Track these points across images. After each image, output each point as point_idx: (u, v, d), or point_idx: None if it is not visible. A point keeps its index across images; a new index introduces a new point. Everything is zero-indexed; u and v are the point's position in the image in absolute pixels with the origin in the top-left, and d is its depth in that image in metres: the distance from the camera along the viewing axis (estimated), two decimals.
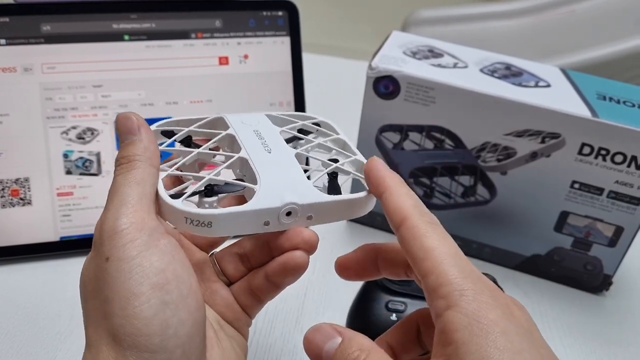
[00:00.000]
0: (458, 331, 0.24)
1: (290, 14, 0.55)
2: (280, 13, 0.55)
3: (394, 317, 0.42)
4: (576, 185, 0.47)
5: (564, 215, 0.49)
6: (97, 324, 0.26)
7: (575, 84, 0.48)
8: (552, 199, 0.48)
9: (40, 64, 0.50)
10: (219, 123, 0.35)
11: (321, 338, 0.27)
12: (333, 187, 0.32)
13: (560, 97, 0.46)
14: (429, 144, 0.49)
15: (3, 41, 0.49)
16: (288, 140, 0.34)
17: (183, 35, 0.53)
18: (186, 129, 0.33)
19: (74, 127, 0.50)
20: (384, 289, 0.43)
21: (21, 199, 0.49)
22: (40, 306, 0.46)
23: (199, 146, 0.33)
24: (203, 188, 0.29)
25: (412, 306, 0.43)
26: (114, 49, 0.51)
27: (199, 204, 0.29)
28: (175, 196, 0.29)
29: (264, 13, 0.55)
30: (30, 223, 0.49)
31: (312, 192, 0.30)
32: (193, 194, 0.29)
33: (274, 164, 0.31)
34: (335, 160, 0.34)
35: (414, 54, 0.49)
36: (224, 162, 0.32)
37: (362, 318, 0.44)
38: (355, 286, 0.46)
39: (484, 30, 1.16)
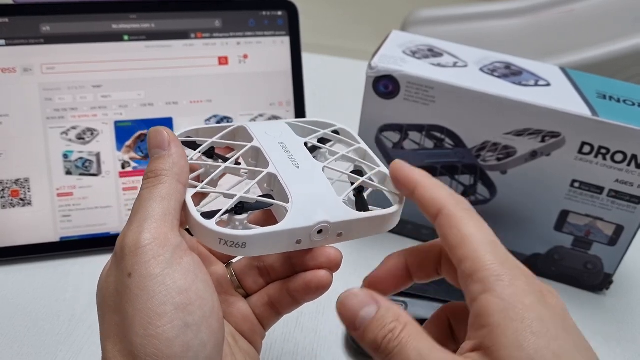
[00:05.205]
0: (493, 315, 0.24)
1: (290, 14, 0.55)
2: (279, 13, 0.55)
3: None
4: (576, 184, 0.47)
5: (564, 214, 0.49)
6: (116, 340, 0.26)
7: (575, 83, 0.48)
8: (552, 198, 0.48)
9: (40, 65, 0.50)
10: (241, 132, 0.34)
11: (357, 303, 0.26)
12: (361, 202, 0.32)
13: (560, 96, 0.46)
14: (429, 144, 0.49)
15: (3, 42, 0.49)
16: (309, 150, 0.34)
17: (183, 35, 0.53)
18: (210, 141, 0.33)
19: (73, 128, 0.50)
20: None
21: (21, 199, 0.49)
22: (40, 307, 0.46)
23: (221, 156, 0.33)
24: (234, 206, 0.29)
25: (412, 305, 0.43)
26: (113, 49, 0.51)
27: (230, 221, 0.29)
28: (206, 215, 0.28)
29: (264, 13, 0.55)
30: (30, 223, 0.49)
31: (342, 210, 0.30)
32: (225, 212, 0.29)
33: (303, 179, 0.30)
34: (359, 172, 0.33)
35: (413, 54, 0.49)
36: (248, 174, 0.32)
37: None
38: (356, 286, 0.46)
39: (483, 30, 1.16)
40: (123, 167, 0.52)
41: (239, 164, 0.33)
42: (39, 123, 0.50)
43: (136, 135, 0.52)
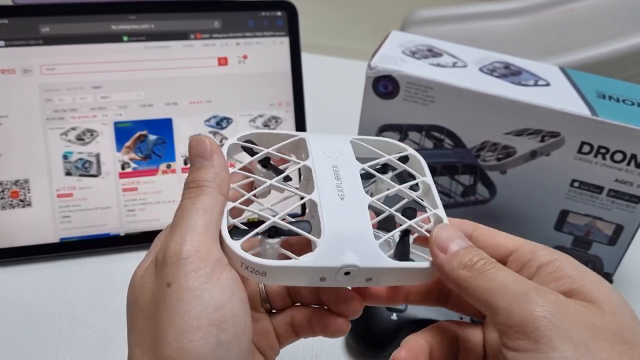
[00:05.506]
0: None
1: (289, 14, 0.55)
2: (279, 13, 0.55)
3: (394, 316, 0.42)
4: (576, 184, 0.47)
5: (564, 214, 0.49)
6: (146, 348, 0.26)
7: (575, 83, 0.48)
8: (552, 198, 0.48)
9: (39, 65, 0.49)
10: (302, 145, 0.33)
11: (455, 232, 0.29)
12: (403, 246, 0.30)
13: (560, 96, 0.46)
14: (429, 144, 0.49)
15: (2, 43, 0.49)
16: (364, 176, 0.32)
17: (182, 36, 0.53)
18: (265, 151, 0.32)
19: (73, 129, 0.50)
20: None
21: (21, 200, 0.49)
22: (40, 307, 0.46)
23: (275, 168, 0.32)
24: (267, 228, 0.28)
25: (412, 306, 0.43)
26: (113, 50, 0.51)
27: (261, 243, 0.29)
28: (239, 232, 0.28)
29: (263, 13, 0.55)
30: (30, 224, 0.49)
31: (375, 255, 0.28)
32: (256, 234, 0.28)
33: (344, 214, 0.29)
34: (412, 210, 0.32)
35: (413, 54, 0.49)
36: (295, 191, 0.31)
37: (363, 318, 0.43)
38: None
39: (483, 30, 1.16)
40: (123, 168, 0.52)
41: (291, 178, 0.32)
42: (39, 124, 0.50)
43: (136, 136, 0.52)
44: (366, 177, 0.32)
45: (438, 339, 0.30)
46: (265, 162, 0.32)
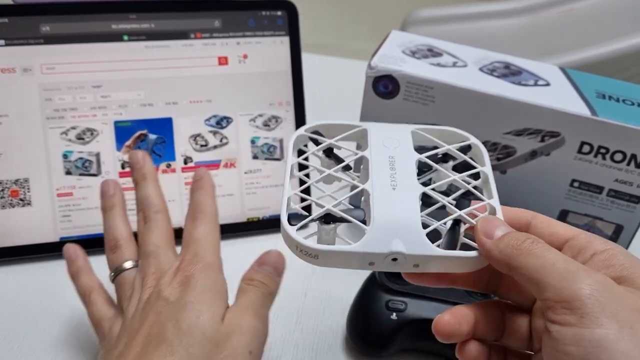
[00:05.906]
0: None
1: (290, 14, 0.55)
2: (279, 13, 0.55)
3: (394, 316, 0.42)
4: (576, 184, 0.47)
5: (563, 214, 0.49)
6: None
7: (575, 83, 0.48)
8: (551, 198, 0.48)
9: (39, 65, 0.50)
10: (364, 134, 0.35)
11: (499, 221, 0.30)
12: (452, 235, 0.31)
13: (560, 96, 0.46)
14: None
15: (2, 42, 0.49)
16: (424, 166, 0.34)
17: (182, 35, 0.53)
18: (328, 142, 0.35)
19: (73, 128, 0.50)
20: (384, 289, 0.43)
21: (21, 199, 0.49)
22: (40, 307, 0.46)
23: (337, 157, 0.34)
24: (322, 215, 0.31)
25: (412, 305, 0.43)
26: (113, 49, 0.51)
27: (318, 230, 0.31)
28: (295, 218, 0.31)
29: (263, 13, 0.55)
30: (30, 224, 0.49)
31: (421, 244, 0.29)
32: (311, 221, 0.31)
33: (394, 203, 0.30)
34: (467, 201, 0.33)
35: (413, 53, 0.49)
36: (358, 179, 0.34)
37: (363, 318, 0.44)
38: (355, 286, 0.46)
39: (483, 29, 1.16)
40: (123, 167, 0.52)
41: (351, 167, 0.34)
42: (39, 123, 0.50)
43: (136, 135, 0.52)
44: (426, 166, 0.34)
45: (485, 314, 0.31)
46: (329, 151, 0.35)
